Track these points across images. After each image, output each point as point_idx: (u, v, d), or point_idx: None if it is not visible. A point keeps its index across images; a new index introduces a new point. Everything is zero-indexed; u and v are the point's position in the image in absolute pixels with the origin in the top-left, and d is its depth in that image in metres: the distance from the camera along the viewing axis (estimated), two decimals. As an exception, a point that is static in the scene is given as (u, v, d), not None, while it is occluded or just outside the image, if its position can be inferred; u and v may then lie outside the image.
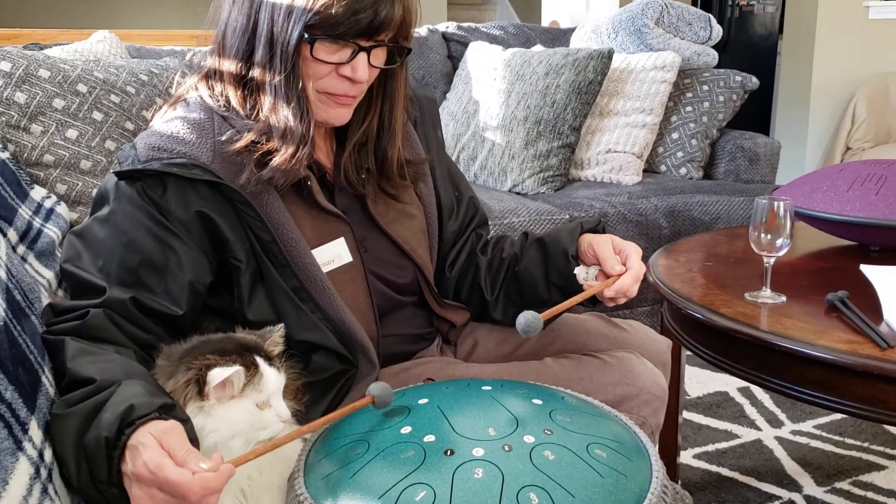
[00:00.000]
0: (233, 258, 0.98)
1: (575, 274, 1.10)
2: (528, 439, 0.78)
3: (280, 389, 0.86)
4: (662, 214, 2.31)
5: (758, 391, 2.15)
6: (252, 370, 0.83)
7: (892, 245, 1.51)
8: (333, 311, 1.01)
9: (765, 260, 1.24)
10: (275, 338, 0.90)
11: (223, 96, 1.02)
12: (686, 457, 1.82)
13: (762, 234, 1.21)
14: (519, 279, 1.17)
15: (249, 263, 0.99)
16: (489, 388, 0.90)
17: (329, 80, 0.99)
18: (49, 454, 0.78)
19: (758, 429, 1.96)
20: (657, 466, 0.81)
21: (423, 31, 2.79)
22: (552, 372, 1.10)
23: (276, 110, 0.97)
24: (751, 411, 2.05)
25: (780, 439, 1.90)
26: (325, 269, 1.02)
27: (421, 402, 0.87)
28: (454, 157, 2.54)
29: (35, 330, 0.86)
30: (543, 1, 5.46)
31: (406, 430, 0.81)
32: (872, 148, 3.83)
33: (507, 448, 0.77)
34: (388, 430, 0.82)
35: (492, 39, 2.83)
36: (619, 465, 0.78)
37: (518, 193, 2.40)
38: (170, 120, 1.01)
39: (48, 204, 1.24)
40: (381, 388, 0.86)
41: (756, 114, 4.69)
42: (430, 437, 0.79)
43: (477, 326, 1.24)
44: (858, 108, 3.83)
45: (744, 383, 2.19)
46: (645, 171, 2.63)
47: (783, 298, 1.26)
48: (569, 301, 1.03)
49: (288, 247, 0.99)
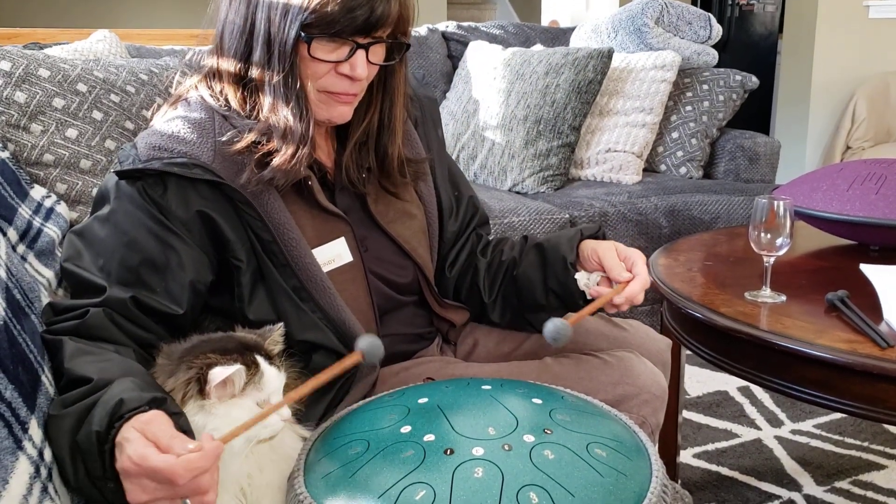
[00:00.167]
0: (233, 258, 0.98)
1: (575, 280, 1.10)
2: (528, 438, 0.78)
3: (280, 388, 0.86)
4: (662, 214, 2.31)
5: (757, 390, 2.15)
6: (253, 369, 0.83)
7: (892, 244, 1.51)
8: (334, 311, 1.01)
9: (765, 259, 1.24)
10: (275, 337, 0.90)
11: (223, 96, 1.02)
12: (686, 456, 1.82)
13: (762, 234, 1.21)
14: (517, 283, 1.17)
15: (250, 263, 0.99)
16: (489, 387, 0.90)
17: (329, 79, 0.99)
18: (49, 453, 0.78)
19: (758, 428, 1.96)
20: (657, 466, 0.81)
21: (422, 30, 2.79)
22: (552, 371, 1.10)
23: (276, 110, 0.97)
24: (750, 411, 2.05)
25: (779, 439, 1.90)
26: (326, 269, 1.02)
27: (421, 401, 0.87)
28: (454, 157, 2.53)
29: (35, 329, 0.86)
30: (543, 0, 5.46)
31: (406, 429, 0.81)
32: (872, 147, 3.82)
33: (506, 447, 0.77)
34: (387, 429, 0.82)
35: (492, 39, 2.83)
36: (618, 465, 0.78)
37: (518, 193, 2.40)
38: (170, 119, 1.01)
39: (48, 203, 1.24)
40: (369, 343, 0.85)
41: (756, 113, 4.69)
42: (429, 437, 0.79)
43: (477, 326, 1.24)
44: (858, 108, 3.83)
45: (743, 383, 2.19)
46: (645, 170, 2.63)
47: (783, 298, 1.26)
48: (588, 307, 1.02)
49: (288, 247, 0.98)
